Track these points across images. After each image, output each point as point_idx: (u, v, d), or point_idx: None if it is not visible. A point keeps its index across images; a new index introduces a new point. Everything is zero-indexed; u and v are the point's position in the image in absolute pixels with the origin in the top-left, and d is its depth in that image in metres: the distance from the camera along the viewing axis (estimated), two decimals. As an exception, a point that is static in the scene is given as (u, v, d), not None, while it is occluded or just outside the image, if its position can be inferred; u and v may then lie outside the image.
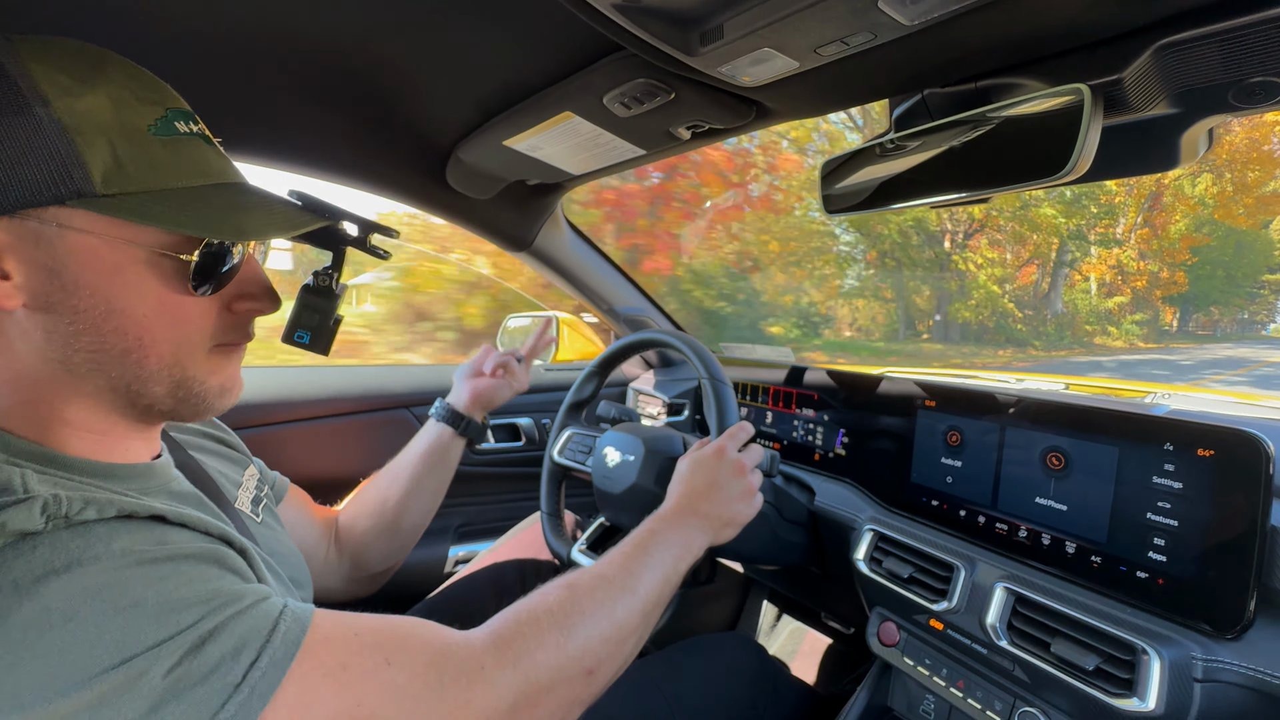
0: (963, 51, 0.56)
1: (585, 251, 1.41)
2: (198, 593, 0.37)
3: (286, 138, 0.92)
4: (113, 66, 0.42)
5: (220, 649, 0.36)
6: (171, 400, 0.46)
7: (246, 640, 0.37)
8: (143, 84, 0.43)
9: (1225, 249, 23.23)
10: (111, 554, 0.35)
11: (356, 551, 0.87)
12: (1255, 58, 0.45)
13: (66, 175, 0.38)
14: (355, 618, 0.45)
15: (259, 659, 0.36)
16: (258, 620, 0.38)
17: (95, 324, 0.41)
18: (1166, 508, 0.64)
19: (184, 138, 0.44)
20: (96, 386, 0.43)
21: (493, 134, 0.89)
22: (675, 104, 0.73)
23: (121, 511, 0.38)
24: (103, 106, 0.40)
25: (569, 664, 0.50)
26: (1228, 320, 28.07)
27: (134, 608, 0.34)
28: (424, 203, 1.17)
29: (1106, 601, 0.67)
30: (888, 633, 0.87)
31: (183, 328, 0.45)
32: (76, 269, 0.40)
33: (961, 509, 0.84)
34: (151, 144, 0.42)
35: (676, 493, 0.75)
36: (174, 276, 0.44)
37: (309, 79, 0.78)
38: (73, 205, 0.39)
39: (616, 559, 0.62)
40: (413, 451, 0.93)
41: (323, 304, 0.70)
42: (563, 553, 1.00)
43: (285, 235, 0.49)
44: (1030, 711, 0.69)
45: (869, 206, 0.74)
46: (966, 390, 0.86)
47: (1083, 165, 0.49)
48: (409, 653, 0.43)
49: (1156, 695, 0.57)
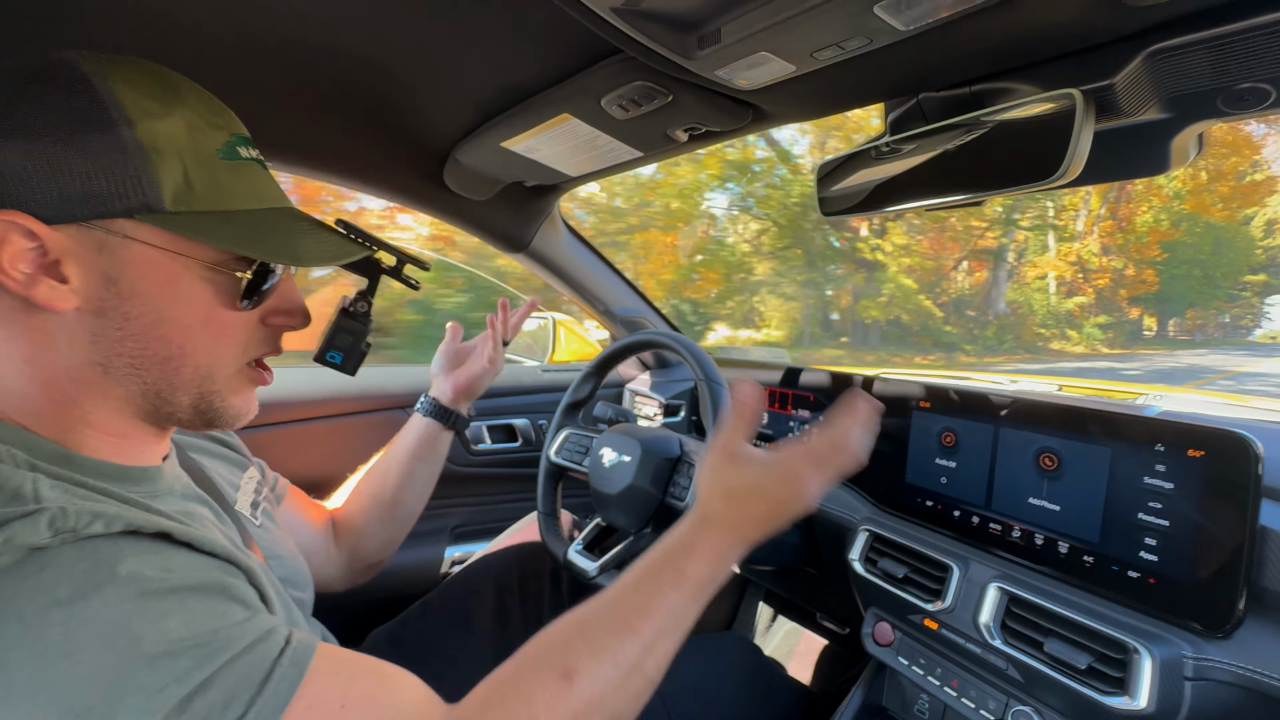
0: (957, 56, 0.57)
1: (582, 253, 1.42)
2: (196, 633, 0.36)
3: (286, 138, 0.92)
4: (186, 90, 0.45)
5: (209, 702, 0.35)
6: (192, 411, 0.48)
7: (236, 693, 0.36)
8: (212, 109, 0.46)
9: (1202, 247, 20.99)
10: (116, 580, 0.35)
11: (354, 543, 0.87)
12: (1245, 64, 0.46)
13: (140, 192, 0.41)
14: (351, 674, 0.43)
15: (245, 715, 0.36)
16: (252, 668, 0.37)
17: (143, 330, 0.43)
18: (1158, 508, 0.64)
19: (245, 163, 0.47)
20: (129, 391, 0.45)
21: (491, 136, 0.89)
22: (673, 107, 0.73)
23: (129, 527, 0.37)
24: (179, 130, 0.42)
25: None
26: (1213, 325, 25.88)
27: (134, 647, 0.34)
28: (421, 204, 1.17)
29: (1099, 601, 0.68)
30: (882, 633, 0.88)
31: (222, 340, 0.48)
32: (135, 277, 0.42)
33: (956, 509, 0.85)
34: (218, 167, 0.45)
35: (728, 506, 0.58)
36: (224, 291, 0.46)
37: (309, 80, 0.78)
38: (140, 219, 0.41)
39: (631, 619, 0.51)
40: (403, 445, 0.92)
41: (358, 327, 0.75)
42: (559, 553, 1.00)
43: (334, 264, 0.51)
44: (1023, 710, 0.70)
45: (864, 209, 0.75)
46: (961, 391, 0.87)
47: (1075, 169, 0.50)
48: None
49: (1148, 693, 0.58)
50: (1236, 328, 25.95)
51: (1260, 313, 25.58)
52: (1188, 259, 21.04)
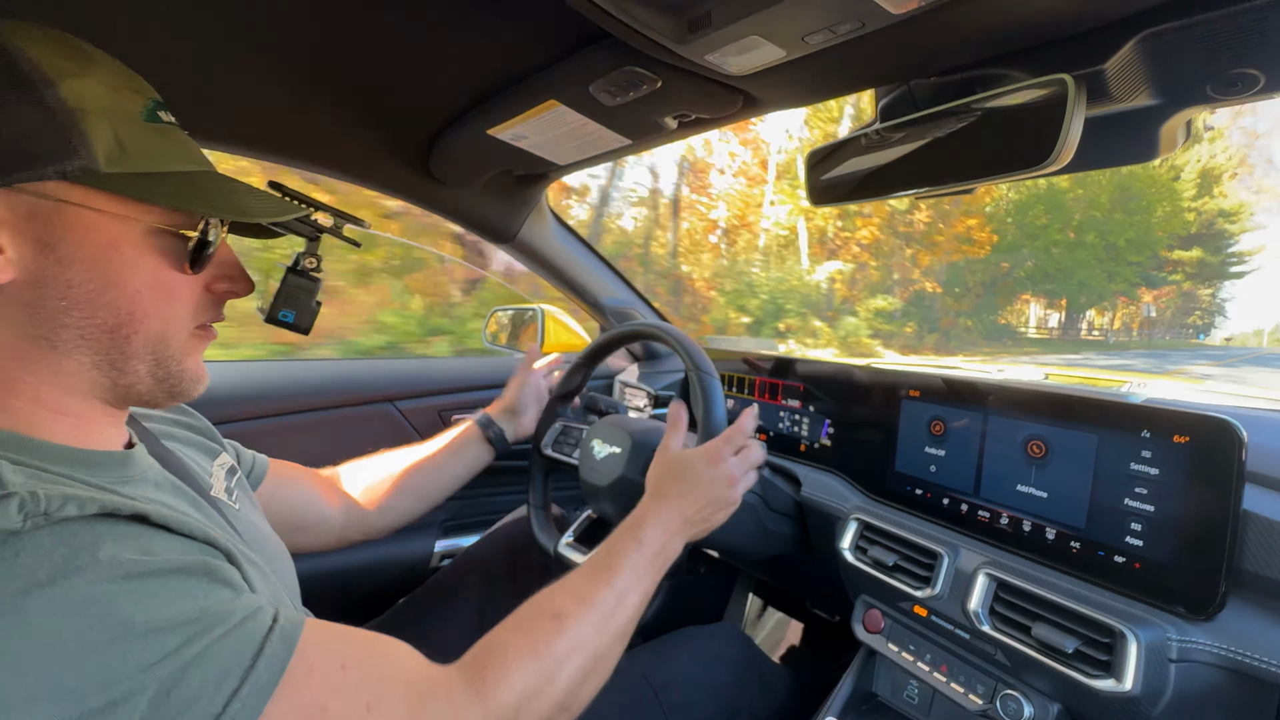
0: (948, 41, 0.57)
1: (571, 243, 1.40)
2: (185, 612, 0.36)
3: (265, 127, 0.90)
4: (98, 55, 0.44)
5: (203, 676, 0.35)
6: (151, 380, 0.47)
7: (230, 668, 0.36)
8: (125, 74, 0.45)
9: (1099, 200, 13.55)
10: (98, 564, 0.34)
11: (365, 511, 0.89)
12: (1234, 49, 0.46)
13: (72, 152, 0.39)
14: (344, 642, 0.44)
15: (241, 688, 0.36)
16: (244, 643, 0.38)
17: (89, 298, 0.42)
18: (1143, 493, 0.65)
19: (169, 126, 0.46)
20: (79, 364, 0.43)
21: (476, 122, 0.88)
22: (662, 93, 0.72)
23: (104, 509, 0.36)
24: (100, 90, 0.41)
25: (552, 707, 0.51)
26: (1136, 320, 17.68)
27: (121, 627, 0.33)
28: (406, 193, 1.15)
29: (1086, 585, 0.68)
30: (873, 620, 0.88)
31: (172, 304, 0.47)
32: (74, 243, 0.41)
33: (945, 497, 0.85)
34: (145, 129, 0.44)
35: (665, 490, 0.74)
36: (171, 253, 0.46)
37: (287, 65, 0.76)
38: (73, 181, 0.40)
39: (603, 575, 0.62)
40: (452, 451, 0.99)
41: (308, 284, 0.75)
42: (550, 545, 1.00)
43: (279, 219, 0.51)
44: (1012, 694, 0.70)
45: (854, 198, 0.75)
46: (949, 380, 0.87)
47: (1066, 155, 0.50)
48: (392, 699, 0.43)
49: (1134, 676, 0.59)
50: (1179, 325, 19.15)
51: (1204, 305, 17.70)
52: (1077, 220, 12.87)
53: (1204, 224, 16.30)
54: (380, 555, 1.31)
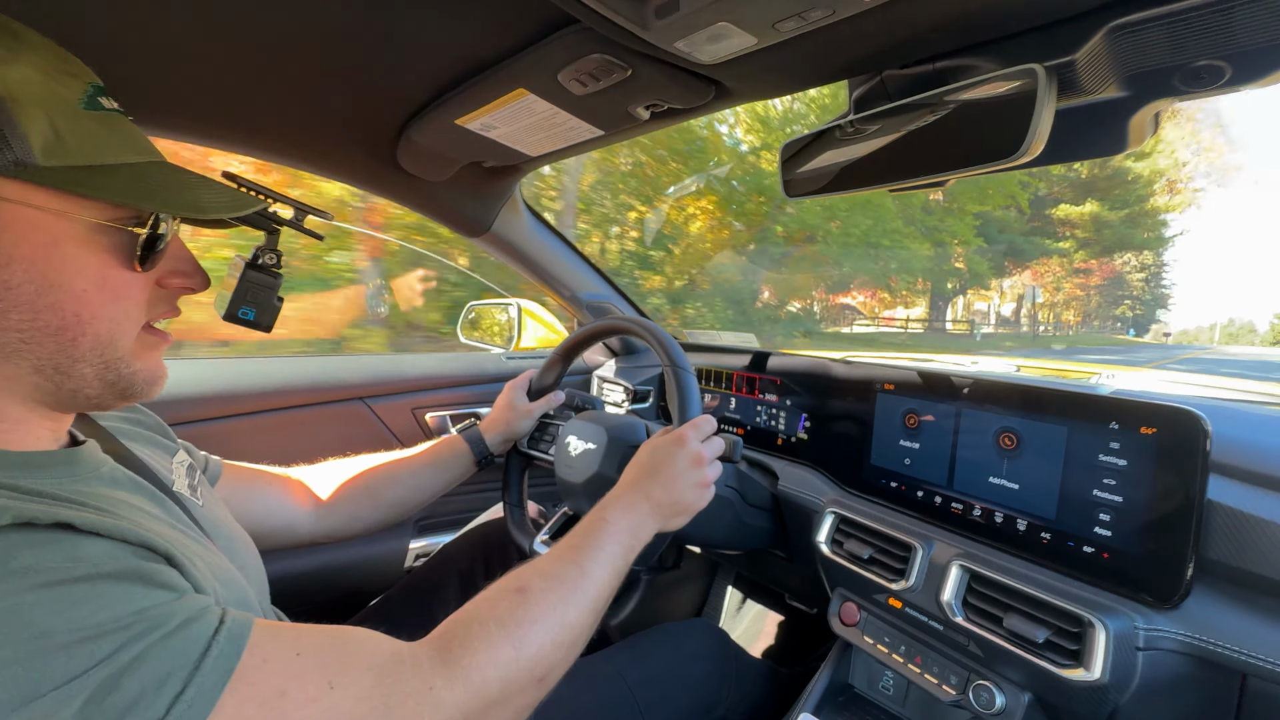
0: (920, 30, 0.56)
1: (546, 236, 1.38)
2: (117, 616, 0.34)
3: (220, 114, 0.86)
4: (30, 37, 0.41)
5: (141, 681, 0.33)
6: (99, 384, 0.44)
7: (172, 669, 0.34)
8: (61, 57, 0.42)
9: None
10: (10, 575, 0.32)
11: (336, 517, 0.86)
12: (1202, 40, 0.46)
13: (3, 145, 0.37)
14: (297, 633, 0.42)
15: (185, 690, 0.34)
16: (187, 644, 0.35)
17: (29, 300, 0.39)
18: (1112, 484, 0.66)
19: (111, 113, 0.43)
20: (18, 370, 0.41)
21: (444, 112, 0.85)
22: (632, 82, 0.70)
23: (19, 519, 0.34)
24: (33, 77, 0.39)
25: (521, 675, 0.49)
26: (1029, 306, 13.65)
27: (40, 639, 0.31)
28: (374, 185, 1.12)
29: (1056, 576, 0.69)
30: (849, 613, 0.89)
31: (121, 303, 0.44)
32: (10, 243, 0.39)
33: (919, 490, 0.85)
34: (84, 118, 0.41)
35: (631, 476, 0.74)
36: (118, 251, 0.43)
37: (244, 50, 0.72)
38: (7, 176, 0.38)
39: (568, 554, 0.61)
40: (432, 462, 0.97)
41: (268, 280, 0.72)
42: (525, 544, 0.98)
43: (235, 214, 0.48)
44: (984, 684, 0.71)
45: (829, 190, 0.74)
46: (924, 373, 0.87)
47: (1036, 147, 0.49)
48: (354, 674, 0.41)
49: (1102, 665, 0.59)
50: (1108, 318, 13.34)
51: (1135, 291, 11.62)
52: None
53: (1099, 162, 10.47)
54: (353, 555, 1.28)
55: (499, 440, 1.03)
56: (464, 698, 0.45)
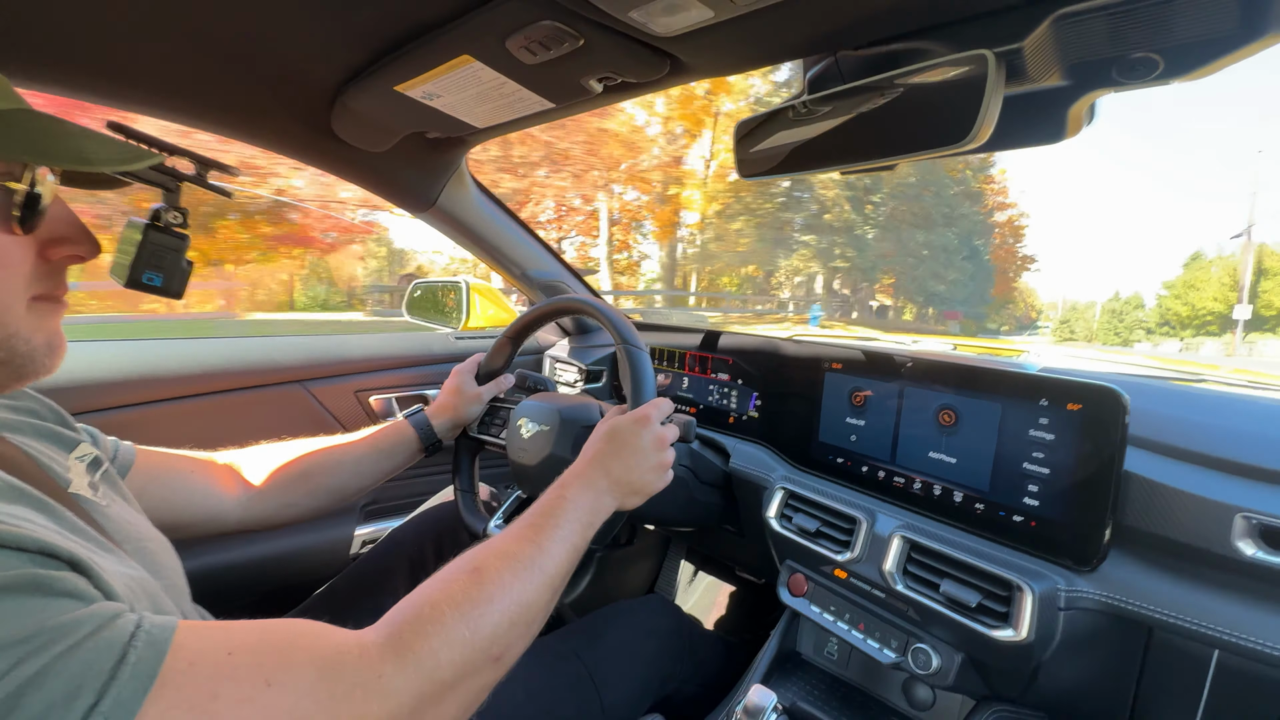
0: (875, 11, 0.56)
1: (494, 213, 1.33)
2: (11, 633, 0.30)
3: (122, 68, 0.77)
4: None
5: (47, 697, 0.29)
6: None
7: (83, 681, 0.31)
8: None
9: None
10: None
11: (268, 503, 0.82)
12: (1139, 33, 0.47)
13: None
14: (228, 631, 0.38)
15: (100, 702, 0.30)
16: (98, 654, 0.32)
17: None
18: (1040, 457, 0.70)
19: None
20: None
21: (383, 78, 0.80)
22: (584, 52, 0.68)
23: None
24: None
25: (476, 656, 0.47)
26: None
27: None
28: (309, 155, 1.05)
29: (988, 544, 0.73)
30: (796, 584, 0.92)
31: (2, 272, 0.39)
32: None
33: (864, 465, 0.89)
34: None
35: (591, 452, 0.72)
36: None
37: (167, 9, 0.65)
38: None
39: (525, 533, 0.59)
40: (377, 447, 0.93)
41: (174, 242, 0.67)
42: (478, 529, 0.97)
43: (125, 168, 0.43)
44: (921, 647, 0.75)
45: (781, 170, 0.74)
46: (869, 352, 0.90)
47: (985, 132, 0.50)
48: (293, 669, 0.38)
49: (1028, 625, 0.64)
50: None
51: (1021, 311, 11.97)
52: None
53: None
54: (294, 544, 1.23)
55: (447, 426, 0.99)
56: (416, 683, 0.43)
